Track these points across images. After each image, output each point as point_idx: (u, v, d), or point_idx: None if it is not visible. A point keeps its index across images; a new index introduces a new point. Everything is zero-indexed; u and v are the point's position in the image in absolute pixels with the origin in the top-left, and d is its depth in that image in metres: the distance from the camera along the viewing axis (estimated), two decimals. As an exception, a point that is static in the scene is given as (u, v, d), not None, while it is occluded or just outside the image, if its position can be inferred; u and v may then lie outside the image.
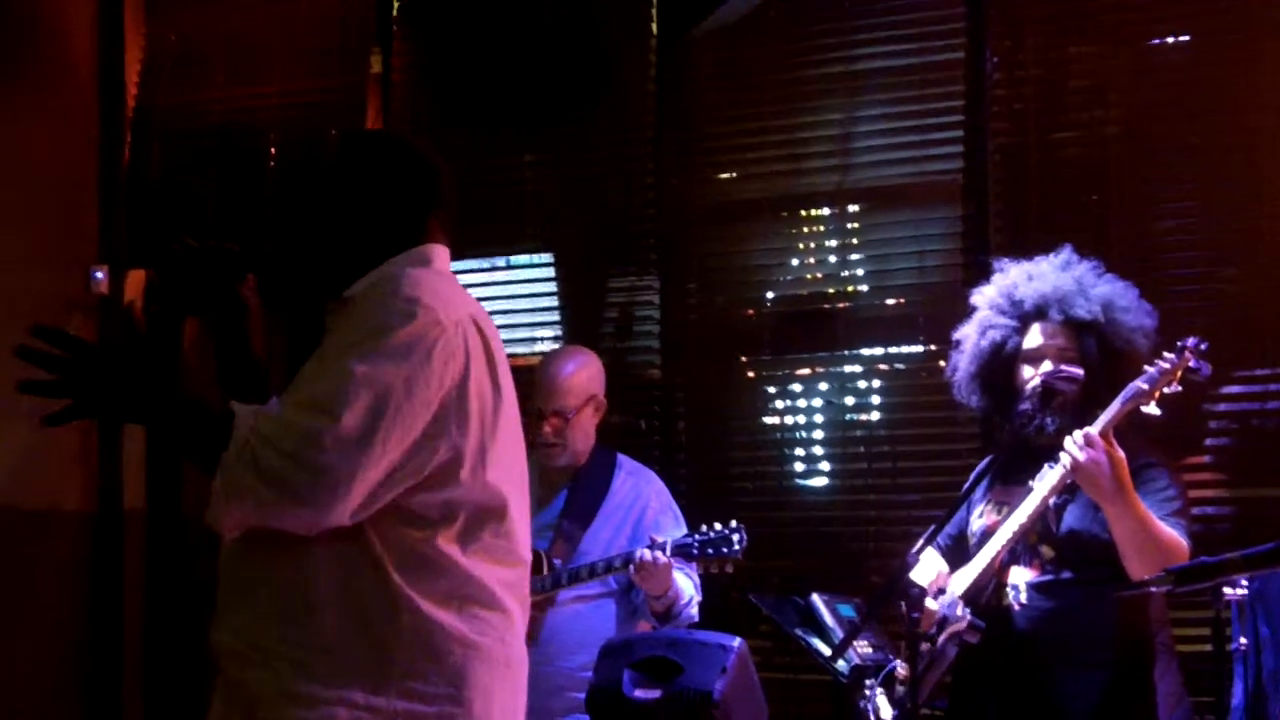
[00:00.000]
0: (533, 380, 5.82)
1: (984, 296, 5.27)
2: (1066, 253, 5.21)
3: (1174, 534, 4.68)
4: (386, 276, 3.46)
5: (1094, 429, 4.66)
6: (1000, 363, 5.14)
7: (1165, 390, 4.70)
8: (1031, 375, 5.01)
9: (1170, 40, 6.43)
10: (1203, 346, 4.72)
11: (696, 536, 5.47)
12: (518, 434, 3.56)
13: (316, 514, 3.22)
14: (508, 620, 3.46)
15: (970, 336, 5.25)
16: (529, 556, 3.58)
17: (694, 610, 5.64)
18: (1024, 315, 5.12)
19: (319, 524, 3.24)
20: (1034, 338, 5.08)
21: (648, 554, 5.40)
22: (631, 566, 5.45)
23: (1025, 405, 4.89)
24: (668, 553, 5.42)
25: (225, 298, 3.68)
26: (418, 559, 3.33)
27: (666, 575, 5.45)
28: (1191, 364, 4.70)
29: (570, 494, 5.81)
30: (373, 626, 3.30)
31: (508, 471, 3.47)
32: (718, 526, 5.46)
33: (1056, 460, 4.76)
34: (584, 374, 5.82)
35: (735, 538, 5.42)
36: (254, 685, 3.34)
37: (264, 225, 7.63)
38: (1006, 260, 5.36)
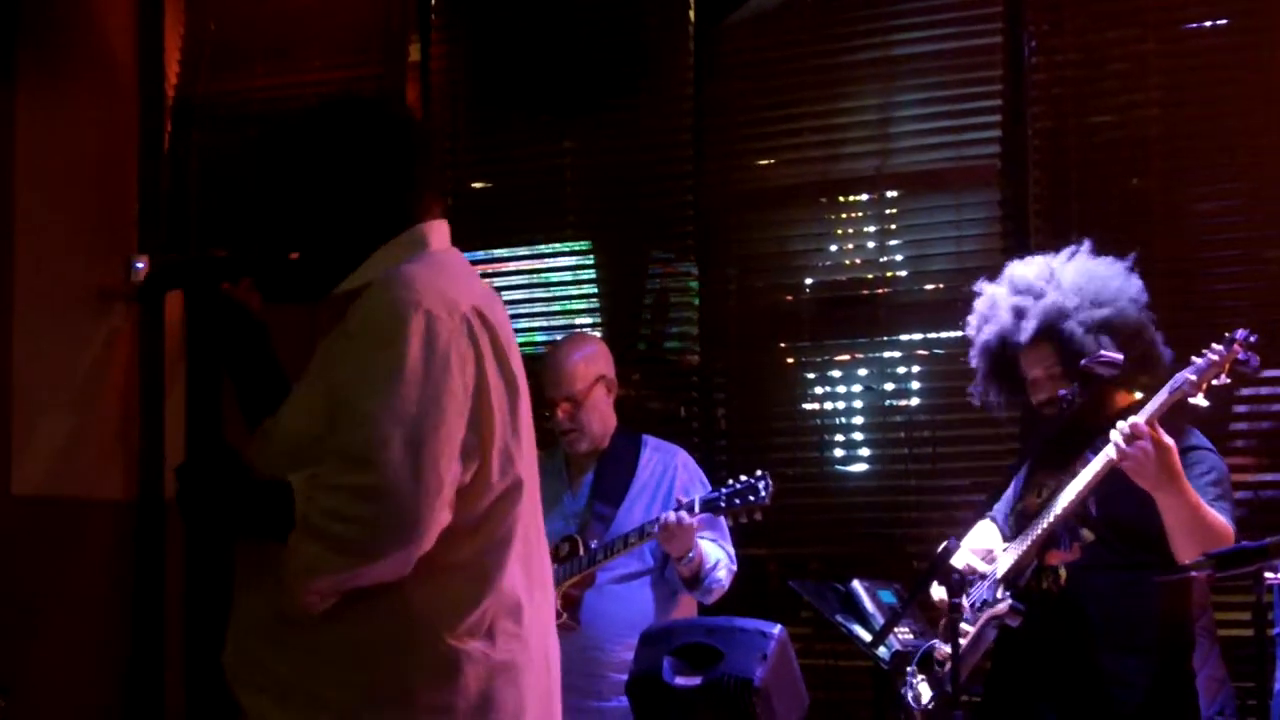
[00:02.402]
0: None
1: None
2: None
3: (1220, 518, 4.66)
4: (380, 281, 3.28)
5: (1140, 418, 4.64)
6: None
7: (1213, 382, 4.67)
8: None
9: (1208, 24, 6.40)
10: (1252, 338, 4.68)
11: (723, 490, 5.50)
12: (531, 422, 3.44)
13: (399, 564, 3.14)
14: (531, 618, 3.36)
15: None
16: (544, 539, 3.53)
17: (722, 575, 5.65)
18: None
19: (403, 571, 3.16)
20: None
21: (672, 515, 5.44)
22: (656, 528, 5.47)
23: (1066, 393, 4.87)
24: (696, 510, 5.45)
25: (218, 305, 3.54)
26: (451, 579, 3.24)
27: (689, 536, 5.47)
28: (1240, 356, 4.66)
29: (596, 477, 5.84)
30: (393, 659, 3.21)
31: (529, 464, 3.39)
32: (743, 477, 5.49)
33: (1098, 447, 4.74)
34: (586, 357, 5.84)
35: (761, 485, 5.45)
36: (266, 712, 3.30)
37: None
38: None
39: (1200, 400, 4.68)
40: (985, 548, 5.05)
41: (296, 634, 3.24)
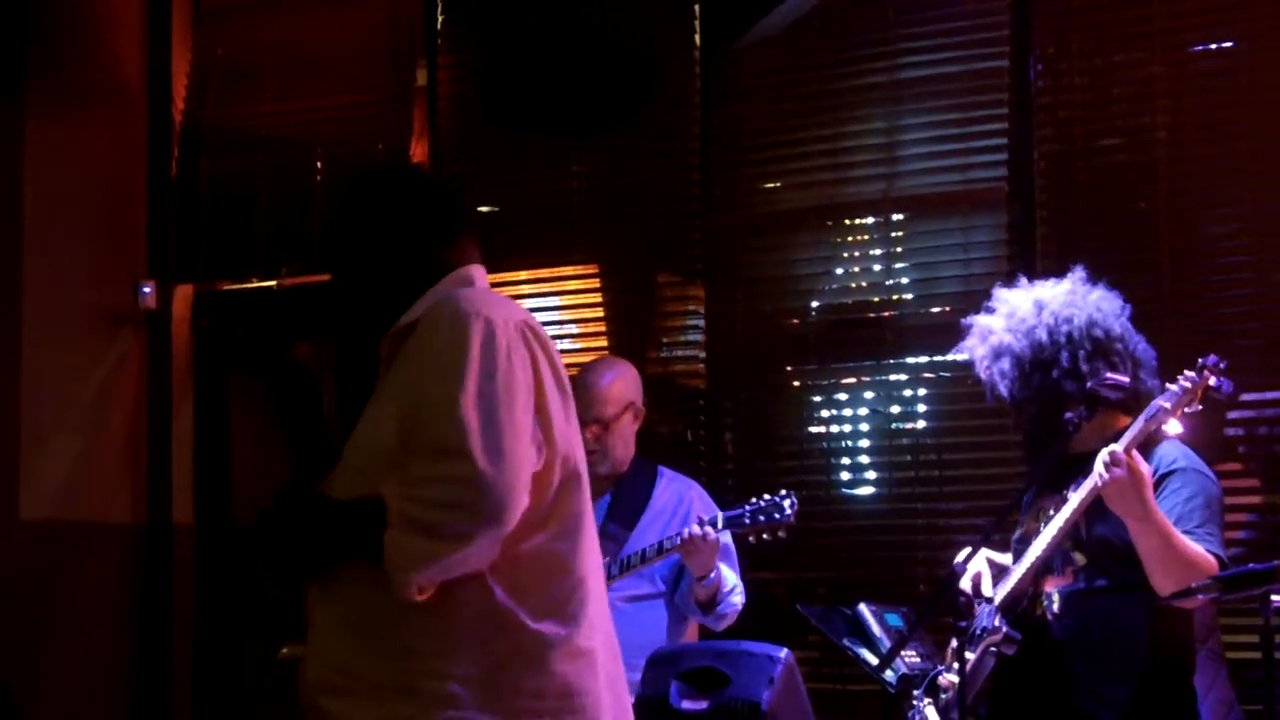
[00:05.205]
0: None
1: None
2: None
3: (1199, 549, 4.61)
4: (439, 302, 3.52)
5: (1118, 446, 4.62)
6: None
7: (1187, 410, 4.67)
8: None
9: (1215, 46, 6.41)
10: (1222, 365, 4.67)
11: (747, 507, 5.56)
12: (579, 427, 3.62)
13: (491, 547, 3.31)
14: (599, 606, 3.54)
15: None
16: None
17: (736, 600, 5.71)
18: None
19: (493, 555, 3.32)
20: None
21: (696, 528, 5.50)
22: (679, 540, 5.51)
23: (1071, 415, 4.86)
24: (719, 525, 5.51)
25: (290, 370, 3.79)
26: (529, 567, 3.40)
27: (713, 554, 5.52)
28: (1212, 382, 4.66)
29: (613, 500, 5.87)
30: (481, 647, 3.34)
31: (582, 459, 3.57)
32: (767, 496, 5.55)
33: (1086, 473, 4.72)
34: (621, 382, 5.91)
35: (786, 504, 5.52)
36: (353, 713, 3.37)
37: (311, 238, 7.68)
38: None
39: (1176, 426, 4.70)
40: (999, 564, 5.06)
41: (380, 633, 3.37)
